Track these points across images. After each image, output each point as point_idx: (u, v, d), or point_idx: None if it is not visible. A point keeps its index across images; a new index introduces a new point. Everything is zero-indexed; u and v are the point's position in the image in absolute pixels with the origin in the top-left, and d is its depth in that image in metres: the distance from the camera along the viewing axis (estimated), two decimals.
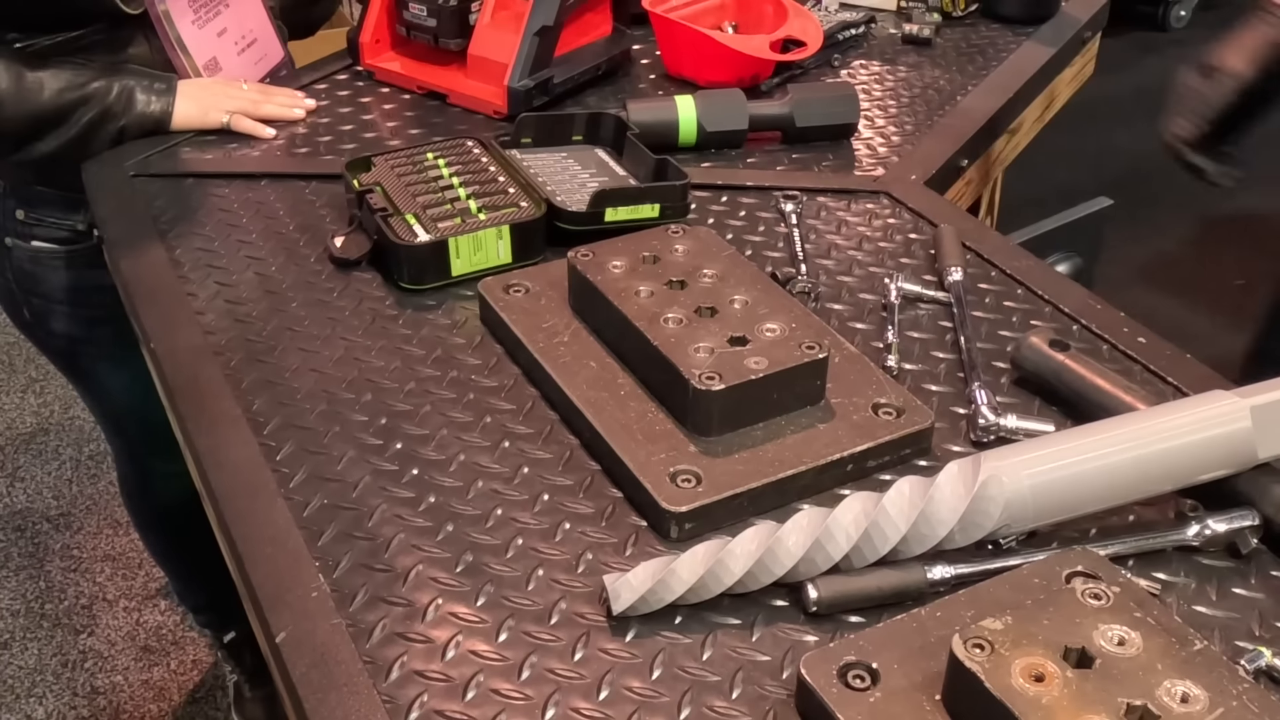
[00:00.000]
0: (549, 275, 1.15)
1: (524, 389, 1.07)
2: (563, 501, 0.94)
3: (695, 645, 0.82)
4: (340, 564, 0.89)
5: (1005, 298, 1.19)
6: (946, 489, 0.86)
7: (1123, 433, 0.89)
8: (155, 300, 1.19)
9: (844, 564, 0.86)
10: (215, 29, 1.57)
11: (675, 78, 1.67)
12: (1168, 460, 0.89)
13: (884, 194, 1.38)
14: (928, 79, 1.71)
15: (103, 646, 2.31)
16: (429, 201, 1.25)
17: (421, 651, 0.82)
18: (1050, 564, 0.83)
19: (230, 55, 1.59)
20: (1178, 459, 0.89)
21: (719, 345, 0.98)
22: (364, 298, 1.19)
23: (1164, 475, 0.89)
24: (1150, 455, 0.88)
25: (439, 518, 0.93)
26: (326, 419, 1.03)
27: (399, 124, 1.56)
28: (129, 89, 1.45)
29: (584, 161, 1.39)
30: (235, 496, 0.95)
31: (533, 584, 0.87)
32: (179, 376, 1.08)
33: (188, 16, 1.52)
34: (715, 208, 1.36)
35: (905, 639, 0.78)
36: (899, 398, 0.99)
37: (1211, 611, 0.85)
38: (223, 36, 1.58)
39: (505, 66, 1.52)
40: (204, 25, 1.55)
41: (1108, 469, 0.88)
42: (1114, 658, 0.71)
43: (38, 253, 1.57)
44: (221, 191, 1.38)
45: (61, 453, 2.77)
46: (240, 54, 1.61)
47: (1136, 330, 1.13)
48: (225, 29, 1.58)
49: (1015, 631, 0.72)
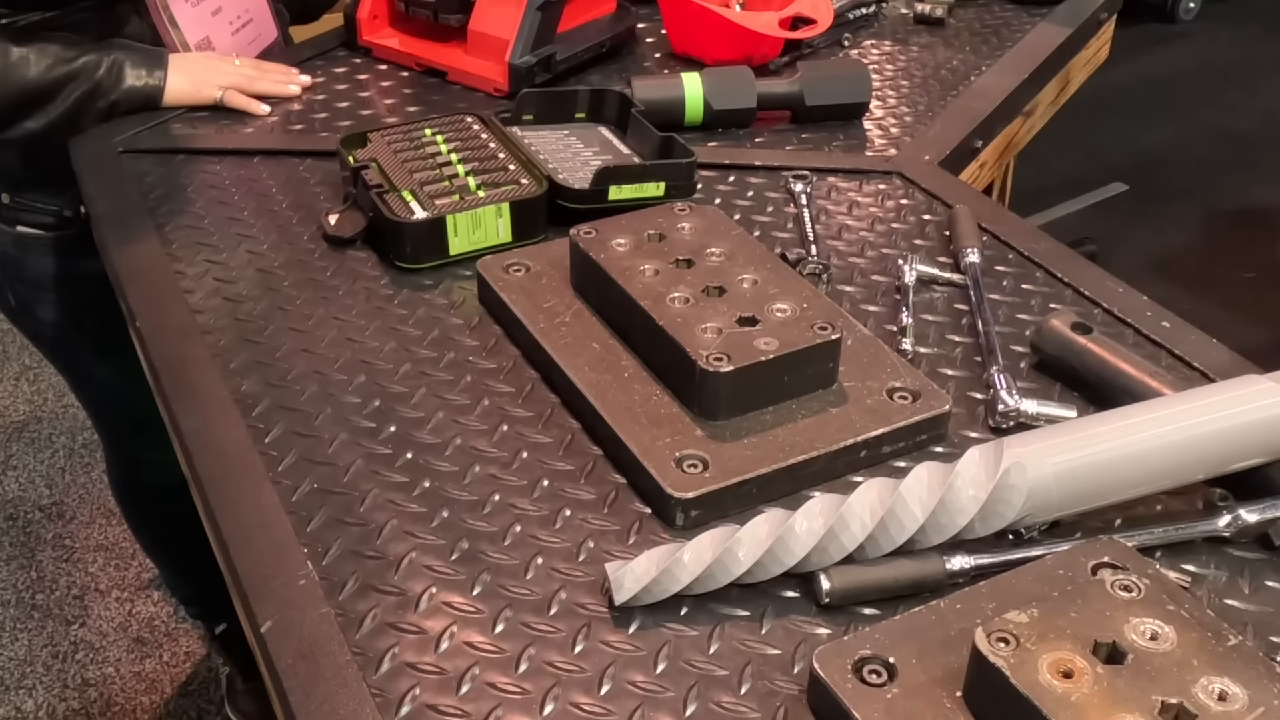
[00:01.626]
0: (550, 254, 1.11)
1: (524, 371, 1.03)
2: (563, 487, 0.90)
3: (702, 638, 0.79)
4: (330, 551, 0.85)
5: (1024, 280, 1.15)
6: (967, 476, 0.82)
7: (1152, 418, 0.86)
8: (142, 278, 1.15)
9: (858, 554, 0.82)
10: (210, 8, 1.52)
11: (681, 56, 1.63)
12: (1199, 447, 0.85)
13: (897, 174, 1.34)
14: (940, 59, 1.66)
15: (94, 638, 2.27)
16: (426, 178, 1.21)
17: (414, 643, 0.78)
18: (1075, 555, 0.79)
19: (224, 35, 1.55)
20: (1210, 446, 0.85)
21: (727, 325, 0.94)
22: (358, 277, 1.15)
23: (1195, 463, 0.85)
24: (1181, 441, 0.84)
25: (434, 503, 0.89)
26: (318, 401, 0.99)
27: (397, 101, 1.51)
28: (119, 64, 1.40)
29: (587, 139, 1.35)
30: (221, 480, 0.91)
31: (531, 573, 0.83)
32: (165, 356, 1.04)
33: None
34: (722, 187, 1.32)
35: (923, 632, 0.74)
36: (915, 381, 0.95)
37: (1244, 605, 0.81)
38: (217, 16, 1.54)
39: (506, 43, 1.48)
40: (198, 3, 1.50)
41: (1136, 456, 0.84)
42: (1147, 653, 0.68)
43: (23, 238, 1.53)
44: (213, 168, 1.34)
45: (54, 441, 2.73)
46: (234, 34, 1.57)
47: (1160, 315, 1.09)
48: (220, 8, 1.54)
49: (1041, 625, 0.69)
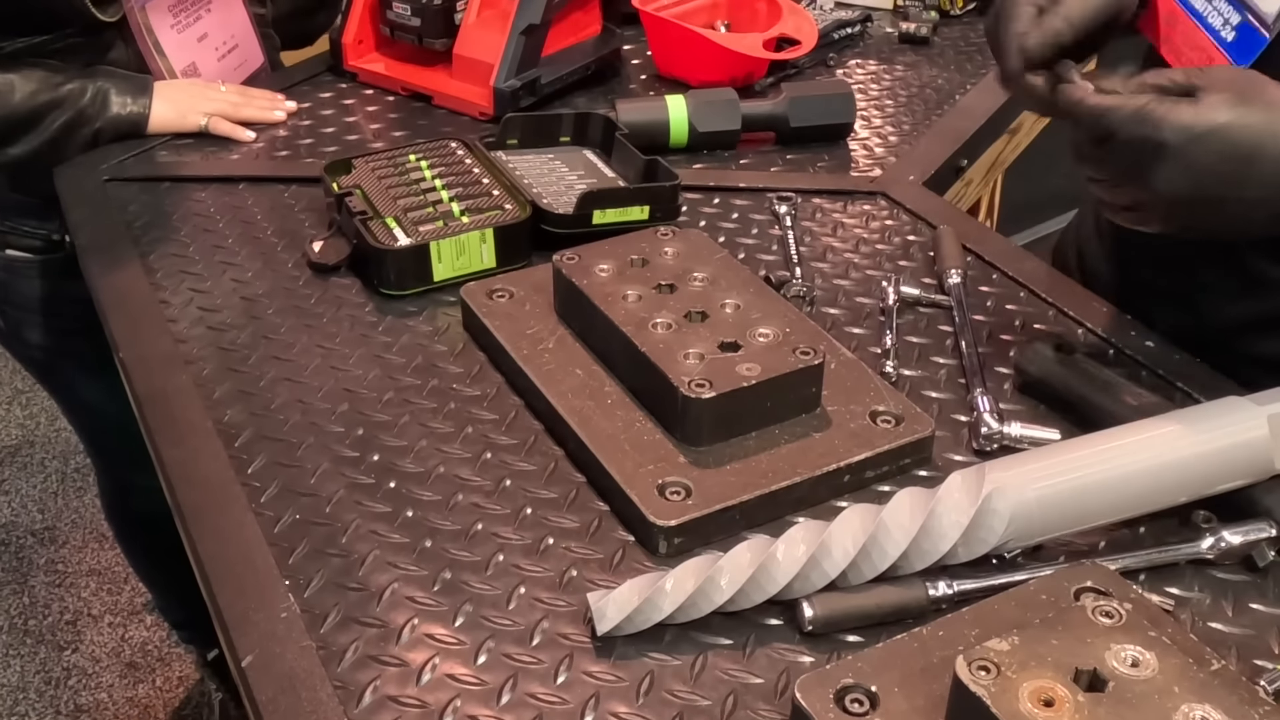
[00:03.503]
0: (534, 280, 1.11)
1: (507, 398, 1.02)
2: (546, 515, 0.90)
3: (685, 667, 0.78)
4: (312, 583, 0.84)
5: (1007, 301, 1.15)
6: (949, 502, 0.82)
7: (1134, 441, 0.85)
8: (126, 307, 1.15)
9: (840, 581, 0.82)
10: (195, 34, 1.53)
11: (666, 78, 1.63)
12: (1181, 470, 0.84)
13: (881, 195, 1.34)
14: (925, 78, 1.67)
15: (87, 663, 2.26)
16: (411, 204, 1.21)
17: (396, 675, 0.78)
18: (1058, 579, 0.79)
19: (210, 61, 1.55)
20: (1192, 469, 0.85)
21: (710, 351, 0.94)
22: (343, 304, 1.15)
23: (1177, 486, 0.85)
24: (1163, 465, 0.84)
25: (416, 533, 0.89)
26: (301, 430, 0.99)
27: (382, 126, 1.52)
28: (104, 91, 1.40)
29: (571, 163, 1.35)
30: (203, 511, 0.91)
31: (514, 603, 0.83)
32: (148, 386, 1.04)
33: (167, 21, 1.47)
34: (707, 210, 1.32)
35: (906, 660, 0.74)
36: (898, 405, 0.95)
37: (1228, 629, 0.81)
38: (203, 42, 1.54)
39: (491, 67, 1.48)
40: (184, 30, 1.50)
41: (1118, 480, 0.84)
42: (1128, 680, 0.67)
43: (11, 261, 1.53)
44: (198, 196, 1.34)
45: (47, 465, 2.73)
46: (220, 60, 1.57)
47: (1144, 334, 1.09)
48: (206, 34, 1.54)
49: (1023, 652, 0.68)
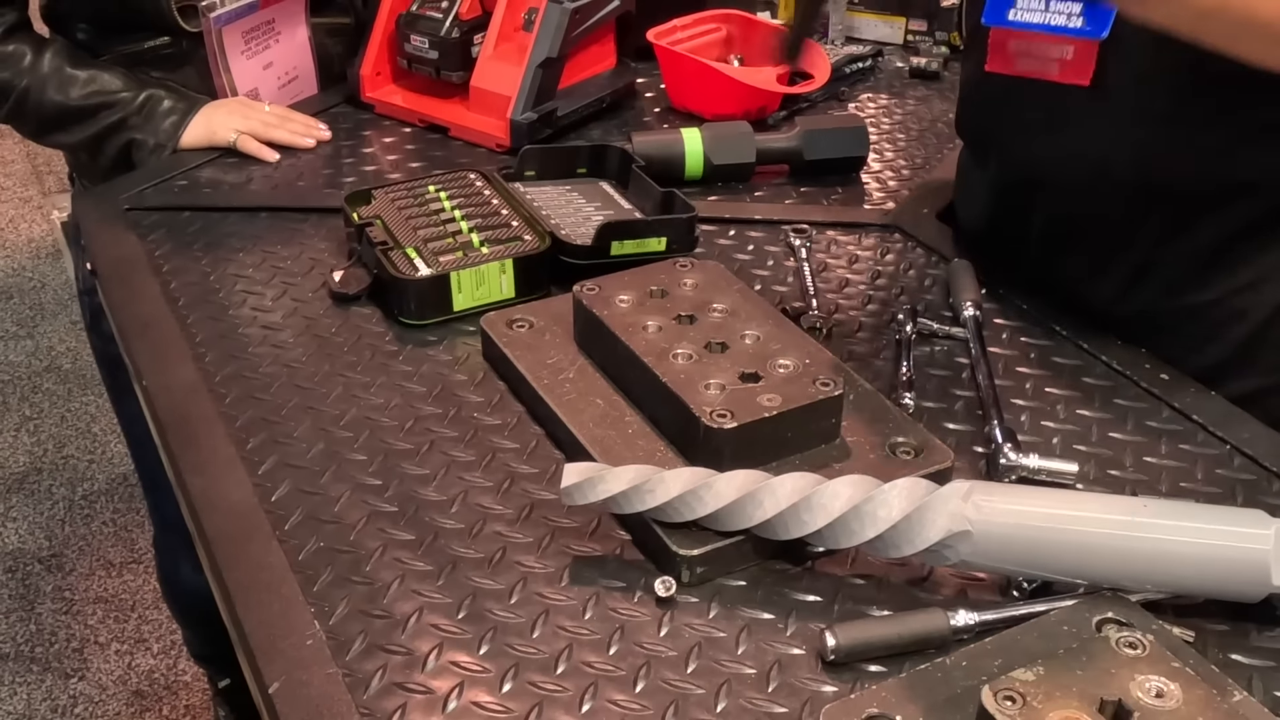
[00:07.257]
0: (553, 310, 1.12)
1: (528, 427, 1.03)
2: (569, 543, 0.91)
3: (709, 696, 0.79)
4: (337, 610, 0.85)
5: (1023, 334, 1.16)
6: (897, 489, 0.83)
7: (1124, 518, 0.82)
8: (148, 336, 1.16)
9: (767, 529, 0.85)
10: (262, 61, 1.58)
11: (680, 111, 1.65)
12: (1153, 561, 0.81)
13: (895, 228, 1.36)
14: (936, 111, 1.68)
15: (93, 691, 2.26)
16: (430, 235, 1.22)
17: (421, 703, 0.78)
18: (1080, 610, 0.80)
19: (272, 88, 1.61)
20: (1164, 564, 0.81)
21: (730, 382, 0.95)
22: (363, 333, 1.16)
23: (1145, 575, 0.82)
24: (1149, 552, 0.81)
25: (440, 561, 0.89)
26: (324, 458, 1.00)
27: (400, 157, 1.53)
28: (153, 100, 1.47)
29: (588, 194, 1.36)
30: (228, 539, 0.91)
31: (538, 631, 0.83)
32: (171, 414, 1.05)
33: (239, 46, 1.53)
34: (722, 241, 1.33)
35: (930, 690, 0.75)
36: (917, 436, 0.96)
37: (1249, 659, 0.81)
38: (268, 70, 1.59)
39: (508, 99, 1.50)
40: (253, 56, 1.56)
41: (1085, 546, 0.82)
42: (1152, 711, 0.68)
43: None
44: (219, 225, 1.35)
45: (54, 493, 2.73)
46: (281, 88, 1.62)
47: (1159, 367, 1.09)
48: (272, 63, 1.60)
49: (1048, 683, 0.69)
